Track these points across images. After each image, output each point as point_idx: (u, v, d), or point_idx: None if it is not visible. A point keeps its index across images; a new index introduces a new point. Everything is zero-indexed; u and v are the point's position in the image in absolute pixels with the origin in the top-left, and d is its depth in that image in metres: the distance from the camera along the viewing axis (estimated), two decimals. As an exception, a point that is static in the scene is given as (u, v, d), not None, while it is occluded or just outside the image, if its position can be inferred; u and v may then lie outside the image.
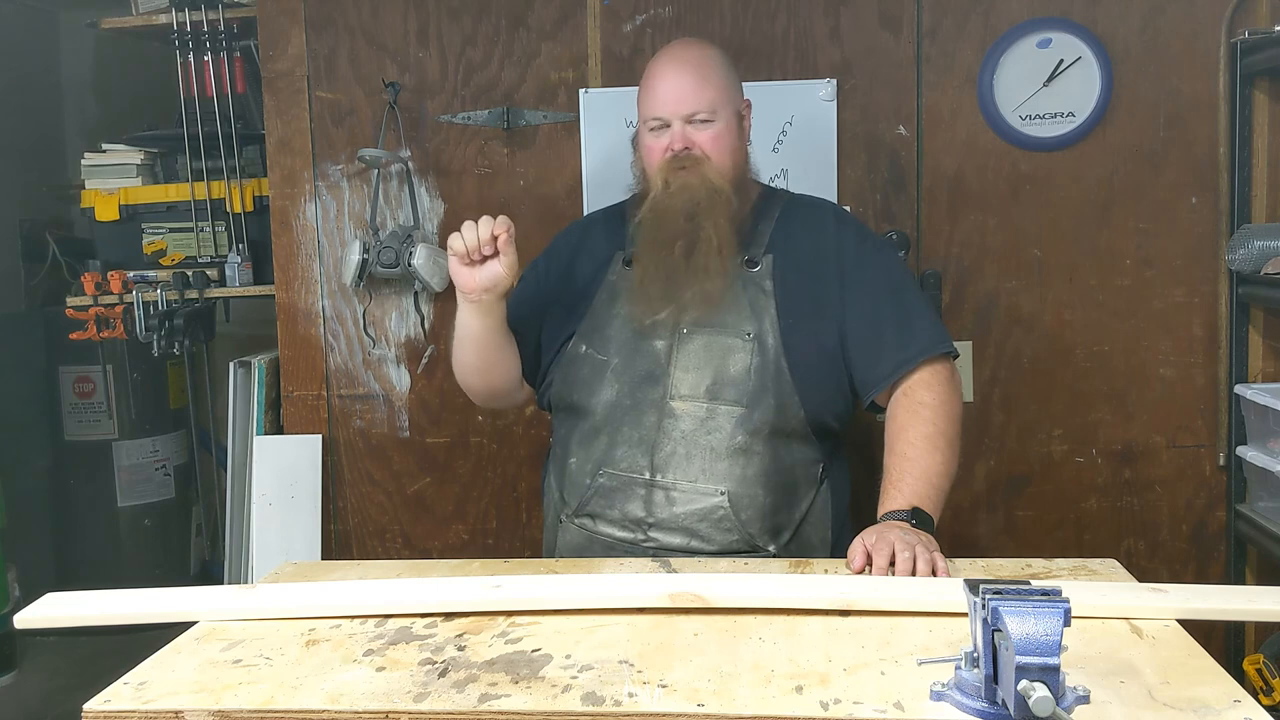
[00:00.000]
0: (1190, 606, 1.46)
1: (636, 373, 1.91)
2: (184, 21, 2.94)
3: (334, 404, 2.77)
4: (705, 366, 1.88)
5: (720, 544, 1.86)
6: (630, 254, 1.99)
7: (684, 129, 1.90)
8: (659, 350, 1.91)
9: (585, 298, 2.00)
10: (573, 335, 1.99)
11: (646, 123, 1.94)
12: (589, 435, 1.94)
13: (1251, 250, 2.41)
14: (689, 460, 1.86)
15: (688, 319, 1.90)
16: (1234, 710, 1.17)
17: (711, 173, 1.89)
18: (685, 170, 1.89)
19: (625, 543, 1.89)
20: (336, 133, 2.71)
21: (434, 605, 1.51)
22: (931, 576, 1.58)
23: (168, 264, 3.05)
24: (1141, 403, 2.59)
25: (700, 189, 1.88)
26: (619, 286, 1.98)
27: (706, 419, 1.87)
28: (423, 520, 2.78)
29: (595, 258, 2.04)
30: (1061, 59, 2.52)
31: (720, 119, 1.91)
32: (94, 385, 3.79)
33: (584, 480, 1.93)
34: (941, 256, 2.57)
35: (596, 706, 1.20)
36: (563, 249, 2.12)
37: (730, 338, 1.89)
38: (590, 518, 1.93)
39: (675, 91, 1.90)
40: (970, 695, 1.17)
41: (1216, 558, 2.61)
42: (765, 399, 1.86)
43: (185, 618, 1.51)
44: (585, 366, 1.96)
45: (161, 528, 3.93)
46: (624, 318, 1.95)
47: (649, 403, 1.89)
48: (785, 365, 1.87)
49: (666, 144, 1.91)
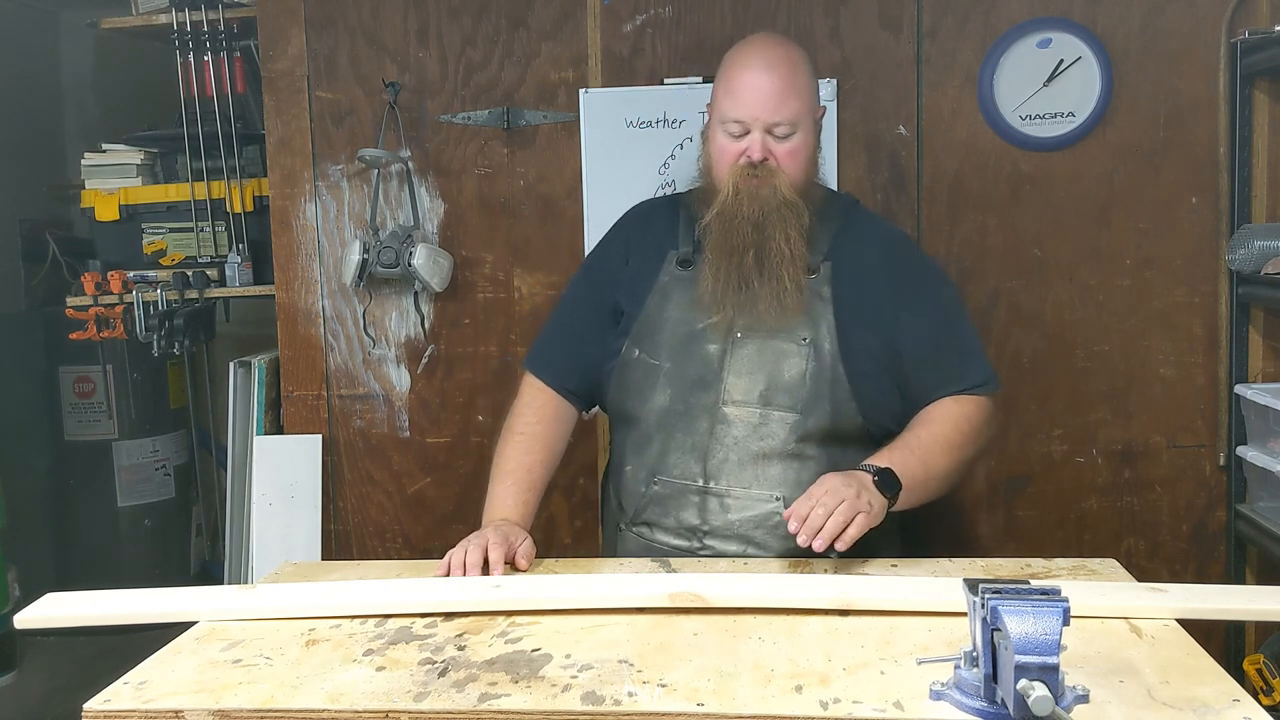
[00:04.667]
0: (1190, 606, 1.46)
1: (689, 377, 1.88)
2: (184, 21, 2.94)
3: (334, 404, 2.77)
4: (759, 371, 1.85)
5: (778, 550, 1.82)
6: (684, 254, 1.94)
7: (764, 139, 1.83)
8: (712, 355, 1.87)
9: (638, 300, 1.95)
10: (625, 339, 1.95)
11: (724, 123, 1.86)
12: (642, 442, 1.91)
13: (1251, 250, 2.41)
14: (741, 467, 1.84)
15: (741, 323, 1.87)
16: (1233, 710, 1.17)
17: (784, 185, 1.84)
18: (758, 180, 1.84)
19: (682, 551, 1.86)
20: (336, 133, 2.71)
21: (434, 605, 1.51)
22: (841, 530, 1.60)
23: (168, 264, 3.05)
24: (1141, 403, 2.59)
25: (771, 200, 1.84)
26: (671, 288, 1.93)
27: (759, 425, 1.84)
28: (423, 520, 2.78)
29: (648, 257, 1.98)
30: (1061, 59, 2.52)
31: (801, 130, 1.86)
32: (94, 385, 3.79)
33: (639, 488, 1.91)
34: (941, 256, 2.57)
35: (596, 706, 1.21)
36: (617, 249, 2.05)
37: (785, 343, 1.85)
38: (647, 526, 1.90)
39: (760, 97, 1.83)
40: (970, 695, 1.17)
41: (1216, 558, 2.61)
42: (821, 404, 1.83)
43: (185, 618, 1.51)
44: (638, 371, 1.92)
45: (161, 528, 3.93)
46: (676, 321, 1.91)
47: (701, 408, 1.86)
48: (843, 372, 1.84)
49: (743, 149, 1.84)
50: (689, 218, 1.99)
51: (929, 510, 2.60)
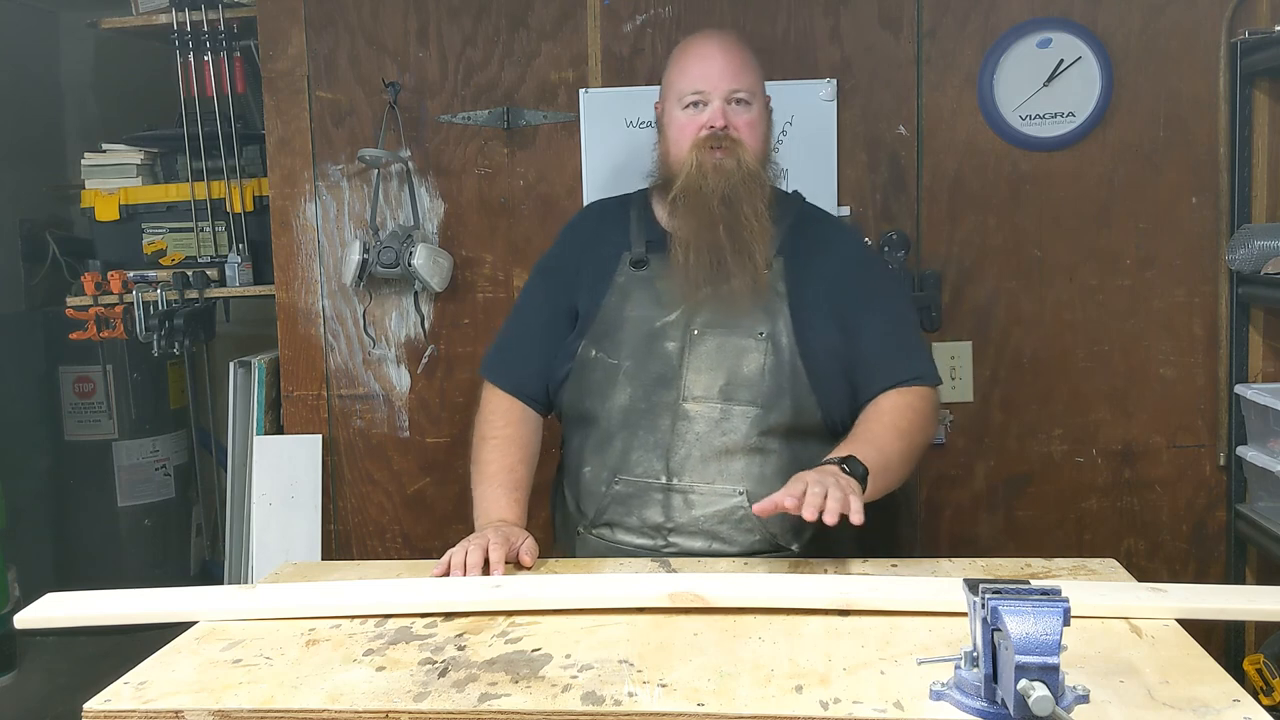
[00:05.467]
0: (1190, 606, 1.46)
1: (649, 376, 1.88)
2: (184, 21, 2.94)
3: (334, 404, 2.77)
4: (718, 367, 1.86)
5: (742, 545, 1.83)
6: (637, 255, 1.95)
7: (724, 107, 1.86)
8: (671, 352, 1.88)
9: (594, 300, 1.95)
10: (582, 340, 1.94)
11: (681, 99, 1.89)
12: (602, 442, 1.90)
13: (1251, 250, 2.41)
14: (704, 463, 1.84)
15: (699, 320, 1.88)
16: (1233, 710, 1.17)
17: (747, 156, 1.86)
18: (721, 151, 1.85)
19: (645, 550, 1.86)
20: (336, 133, 2.71)
21: (434, 605, 1.51)
22: (845, 513, 1.55)
23: (168, 264, 3.05)
24: (1141, 403, 2.59)
25: (736, 173, 1.85)
26: (629, 288, 1.94)
27: (721, 420, 1.84)
28: (423, 520, 2.78)
29: (603, 257, 1.98)
30: (1061, 59, 2.52)
31: (757, 104, 1.90)
32: (94, 385, 3.79)
33: (599, 489, 1.89)
34: (941, 256, 2.57)
35: (596, 706, 1.20)
36: (571, 251, 2.06)
37: (743, 338, 1.86)
38: (609, 527, 1.90)
39: (718, 67, 1.87)
40: (970, 695, 1.17)
41: (1216, 558, 2.61)
42: (782, 399, 1.84)
43: (185, 618, 1.51)
44: (596, 371, 1.91)
45: (161, 528, 3.93)
46: (635, 320, 1.91)
47: (663, 406, 1.86)
48: (801, 365, 1.85)
49: (704, 121, 1.86)
50: (640, 216, 1.99)
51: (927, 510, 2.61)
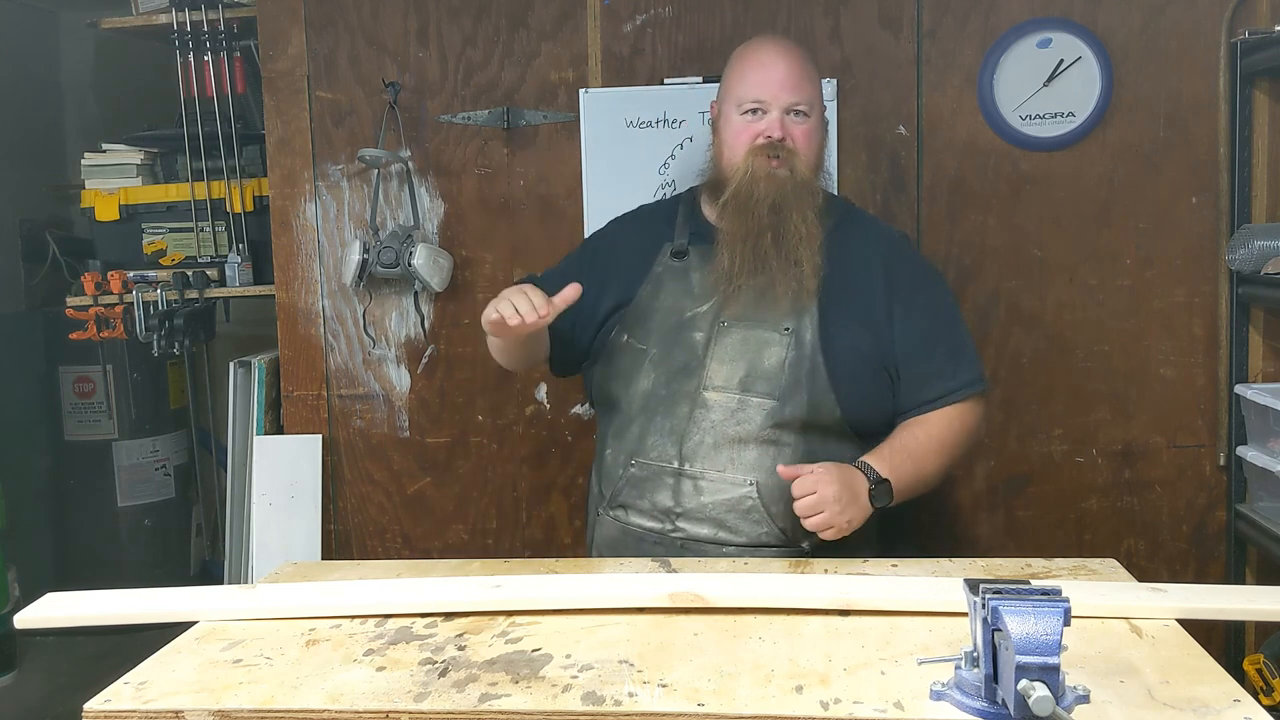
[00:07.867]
0: (1190, 606, 1.46)
1: (674, 364, 1.92)
2: (184, 21, 2.94)
3: (334, 404, 2.77)
4: (740, 359, 1.89)
5: (750, 536, 1.85)
6: (679, 245, 1.99)
7: (782, 118, 1.89)
8: (697, 342, 1.92)
9: (630, 289, 1.99)
10: (615, 325, 1.99)
11: (739, 105, 1.92)
12: (623, 426, 1.96)
13: (1251, 250, 2.41)
14: (716, 450, 1.87)
15: (729, 313, 1.91)
16: (1234, 710, 1.17)
17: (800, 166, 1.90)
18: (776, 160, 1.89)
19: (654, 533, 1.90)
20: (336, 133, 2.71)
21: (434, 605, 1.51)
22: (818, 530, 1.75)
23: (168, 264, 3.05)
24: (1141, 403, 2.59)
25: (788, 183, 1.88)
26: (664, 278, 1.98)
27: (737, 410, 1.87)
28: (423, 520, 2.78)
29: (645, 249, 2.02)
30: (1061, 59, 2.52)
31: (814, 115, 1.93)
32: (94, 385, 3.79)
33: (617, 471, 1.95)
34: (941, 256, 2.57)
35: (596, 706, 1.21)
36: (620, 237, 2.10)
37: (768, 331, 1.89)
38: (623, 509, 1.94)
39: (778, 77, 1.90)
40: (970, 695, 1.17)
41: (1216, 558, 2.61)
42: (798, 393, 1.86)
43: (185, 618, 1.51)
44: (625, 356, 1.97)
45: (161, 528, 3.93)
46: (666, 309, 1.96)
47: (683, 394, 1.90)
48: (822, 363, 1.87)
49: (761, 129, 1.90)
50: (689, 212, 2.04)
51: (927, 511, 2.61)
